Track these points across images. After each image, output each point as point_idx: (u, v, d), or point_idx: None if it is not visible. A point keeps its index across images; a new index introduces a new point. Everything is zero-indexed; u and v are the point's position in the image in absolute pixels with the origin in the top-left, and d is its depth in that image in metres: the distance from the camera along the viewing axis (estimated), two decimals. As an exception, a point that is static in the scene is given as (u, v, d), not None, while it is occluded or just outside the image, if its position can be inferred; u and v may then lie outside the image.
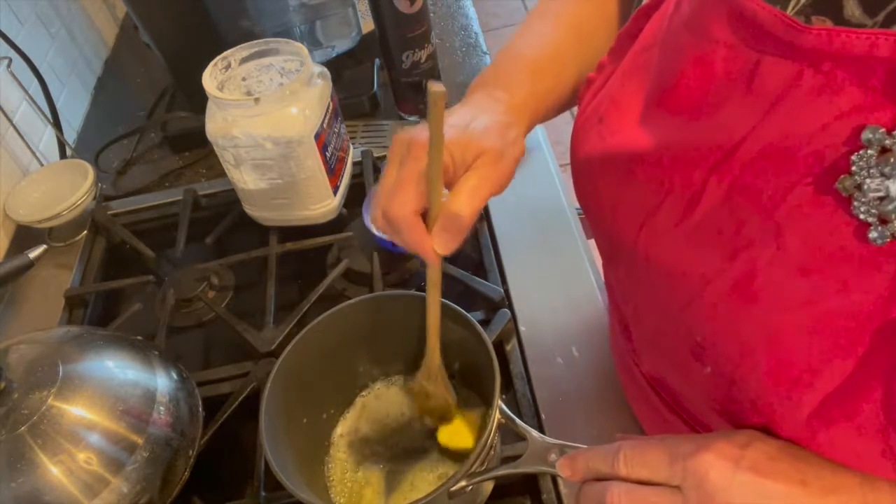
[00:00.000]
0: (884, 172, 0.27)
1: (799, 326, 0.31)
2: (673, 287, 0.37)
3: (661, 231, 0.37)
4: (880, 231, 0.27)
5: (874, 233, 0.28)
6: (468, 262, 0.75)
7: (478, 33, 1.07)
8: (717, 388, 0.38)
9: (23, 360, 0.54)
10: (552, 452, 0.45)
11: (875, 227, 0.28)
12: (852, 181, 0.28)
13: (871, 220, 0.28)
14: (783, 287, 0.31)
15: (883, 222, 0.27)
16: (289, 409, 0.55)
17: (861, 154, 0.27)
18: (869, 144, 0.27)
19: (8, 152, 0.88)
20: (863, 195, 0.28)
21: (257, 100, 0.67)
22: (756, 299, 0.32)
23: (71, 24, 1.10)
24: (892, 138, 0.26)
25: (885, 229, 0.27)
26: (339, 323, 0.57)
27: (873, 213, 0.28)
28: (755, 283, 0.32)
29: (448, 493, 0.46)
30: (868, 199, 0.27)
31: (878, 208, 0.27)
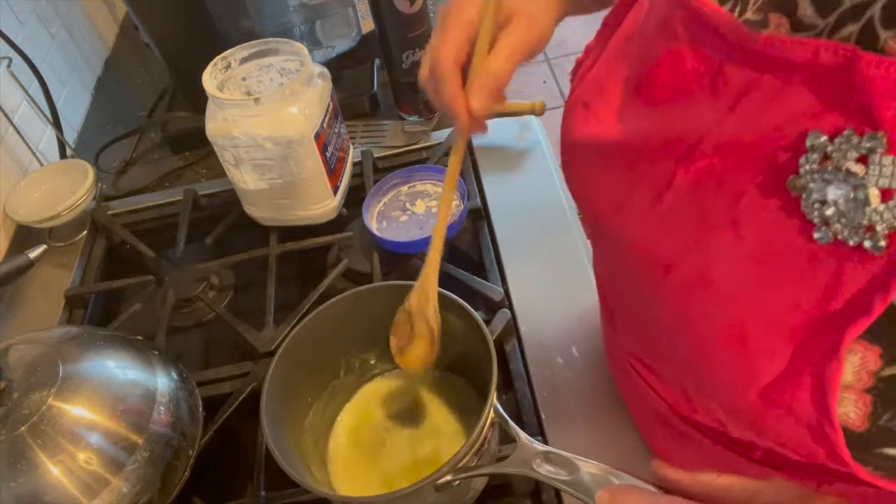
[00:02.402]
0: (825, 178, 0.28)
1: (749, 315, 0.32)
2: (644, 271, 0.38)
3: (634, 216, 0.38)
4: (824, 231, 0.29)
5: (818, 233, 0.29)
6: (468, 262, 0.75)
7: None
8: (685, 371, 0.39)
9: (23, 360, 0.54)
10: (538, 457, 0.45)
11: (819, 228, 0.29)
12: (800, 182, 0.29)
13: (816, 221, 0.29)
14: (737, 276, 0.32)
15: (826, 224, 0.28)
16: (290, 398, 0.55)
17: (807, 157, 0.28)
18: (812, 150, 0.28)
19: (8, 152, 0.88)
20: (808, 198, 0.29)
21: (257, 100, 0.67)
22: (712, 286, 0.34)
23: (71, 24, 1.10)
24: (833, 146, 0.27)
25: (828, 230, 0.28)
26: (340, 312, 0.57)
27: (817, 216, 0.29)
28: (713, 270, 0.34)
29: (434, 485, 0.46)
30: (812, 201, 0.29)
31: (819, 211, 0.28)
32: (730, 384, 0.35)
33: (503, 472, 0.47)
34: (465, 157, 0.48)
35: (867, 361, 0.30)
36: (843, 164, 0.27)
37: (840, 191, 0.27)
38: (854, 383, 0.30)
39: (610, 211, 0.40)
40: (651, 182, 0.37)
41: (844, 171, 0.27)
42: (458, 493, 0.51)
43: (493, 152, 0.85)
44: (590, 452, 0.51)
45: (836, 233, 0.28)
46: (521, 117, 0.87)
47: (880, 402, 0.31)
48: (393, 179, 0.77)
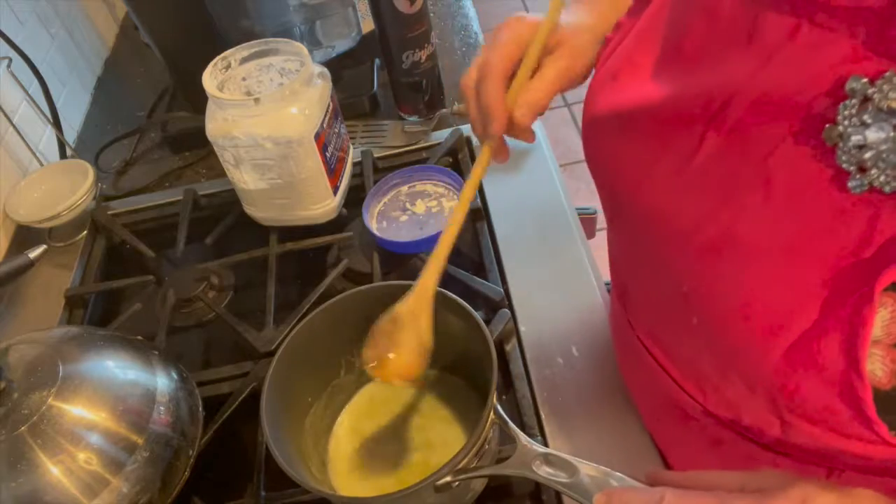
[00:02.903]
0: (864, 121, 0.28)
1: (777, 271, 0.32)
2: (667, 238, 0.38)
3: (660, 182, 0.38)
4: (859, 180, 0.29)
5: (853, 181, 0.29)
6: (468, 262, 0.75)
7: (478, 33, 1.07)
8: (702, 338, 0.39)
9: (23, 360, 0.54)
10: (537, 459, 0.45)
11: (854, 176, 0.29)
12: (837, 131, 0.29)
13: (851, 170, 0.29)
14: (766, 234, 0.33)
15: (861, 171, 0.29)
16: (290, 398, 0.55)
17: (846, 104, 0.28)
18: (852, 94, 0.28)
19: (8, 152, 0.88)
20: (845, 144, 0.29)
21: (257, 100, 0.67)
22: (740, 246, 0.34)
23: (71, 24, 1.10)
24: (874, 88, 0.27)
25: (863, 178, 0.29)
26: (340, 312, 0.57)
27: (853, 162, 0.29)
28: (740, 229, 0.34)
29: (434, 486, 0.46)
30: (849, 147, 0.29)
31: (857, 157, 0.28)
32: (753, 347, 0.35)
33: (503, 473, 0.47)
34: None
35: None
36: (884, 104, 0.27)
37: (881, 132, 0.28)
38: (883, 338, 0.30)
39: (634, 181, 0.41)
40: (679, 147, 0.37)
41: (886, 109, 0.27)
42: (457, 494, 0.51)
43: (493, 152, 0.85)
44: (590, 453, 0.51)
45: (872, 180, 0.28)
46: (521, 117, 0.87)
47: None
48: (393, 179, 0.77)
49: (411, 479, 0.46)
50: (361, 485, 0.56)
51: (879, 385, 0.31)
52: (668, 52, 0.39)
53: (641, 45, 0.42)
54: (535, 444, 0.47)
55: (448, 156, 0.84)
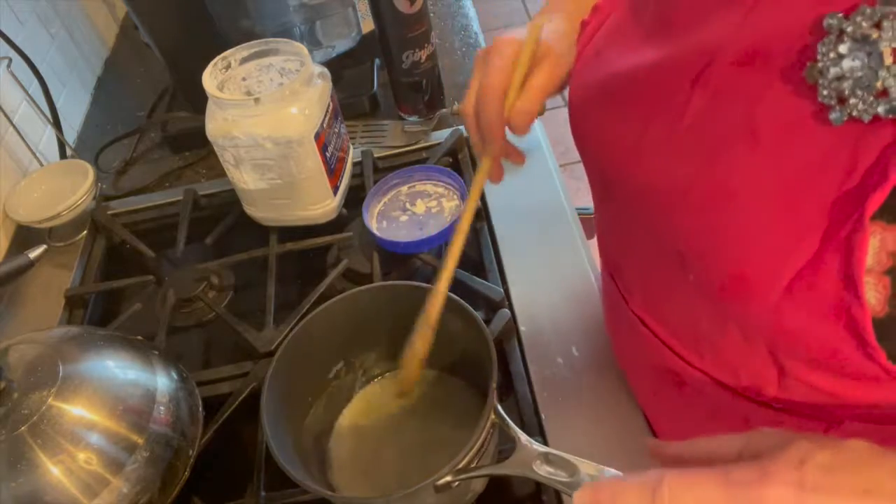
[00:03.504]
0: (840, 53, 0.30)
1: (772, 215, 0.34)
2: (660, 202, 0.39)
3: (650, 147, 0.39)
4: (839, 111, 0.30)
5: (834, 114, 0.30)
6: (468, 262, 0.75)
7: (478, 33, 1.07)
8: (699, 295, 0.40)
9: (23, 360, 0.54)
10: (538, 458, 0.45)
11: (834, 109, 0.30)
12: (817, 68, 0.31)
13: (832, 103, 0.30)
14: (757, 181, 0.34)
15: (841, 102, 0.30)
16: (290, 398, 0.55)
17: (824, 41, 0.30)
18: (830, 30, 0.30)
19: (8, 152, 0.88)
20: (825, 79, 0.30)
21: (257, 100, 0.67)
22: (735, 195, 0.35)
23: (71, 24, 1.10)
24: (848, 21, 0.29)
25: (842, 109, 0.30)
26: (340, 312, 0.57)
27: (833, 95, 0.30)
28: (733, 181, 0.35)
29: (434, 486, 0.46)
30: (829, 81, 0.30)
31: (836, 88, 0.30)
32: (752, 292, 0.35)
33: (503, 473, 0.47)
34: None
35: (886, 242, 0.31)
36: (858, 34, 0.29)
37: (856, 61, 0.29)
38: (874, 266, 0.31)
39: (624, 154, 0.41)
40: (666, 112, 0.38)
41: (860, 38, 0.29)
42: (457, 494, 0.51)
43: (493, 152, 0.85)
44: (590, 453, 0.51)
45: (851, 109, 0.30)
46: (521, 117, 0.87)
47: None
48: (393, 179, 0.77)
49: (411, 479, 0.46)
50: (361, 485, 0.56)
51: (874, 312, 0.32)
52: (652, 23, 0.40)
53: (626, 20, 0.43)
54: (535, 443, 0.47)
55: (448, 156, 0.84)
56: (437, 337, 0.58)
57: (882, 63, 0.29)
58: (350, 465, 0.58)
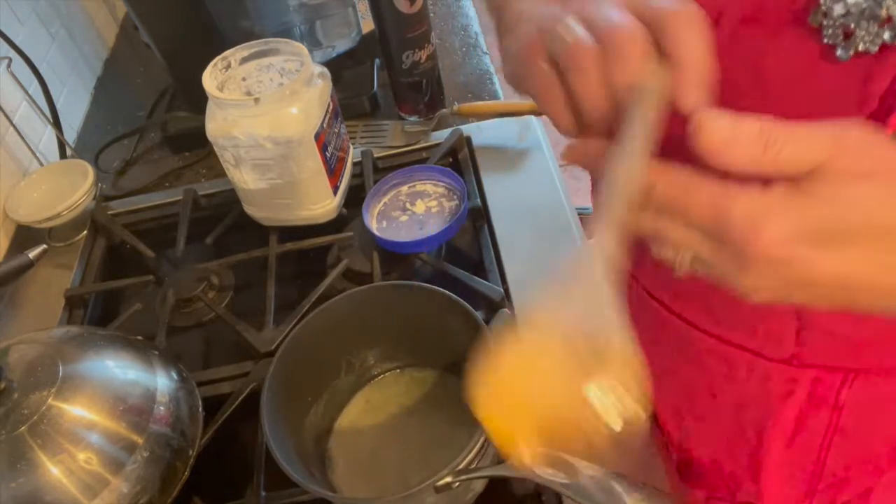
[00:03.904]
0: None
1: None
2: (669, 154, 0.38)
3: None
4: (844, 47, 0.31)
5: (840, 50, 0.31)
6: (468, 262, 0.75)
7: (478, 33, 1.07)
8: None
9: (23, 360, 0.54)
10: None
11: (840, 46, 0.31)
12: (820, 11, 0.31)
13: (837, 42, 0.31)
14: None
15: (846, 37, 0.31)
16: (290, 398, 0.55)
17: None
18: None
19: (8, 152, 0.88)
20: (829, 19, 0.31)
21: (257, 100, 0.67)
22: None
23: (71, 24, 1.10)
24: None
25: (848, 44, 0.31)
26: (340, 312, 0.57)
27: (839, 34, 0.31)
28: None
29: (434, 487, 0.46)
30: (834, 20, 0.31)
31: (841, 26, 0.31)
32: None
33: (503, 474, 0.47)
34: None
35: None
36: None
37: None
38: None
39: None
40: None
41: None
42: (457, 495, 0.51)
43: (493, 152, 0.85)
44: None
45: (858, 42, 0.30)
46: (521, 117, 0.87)
47: None
48: (393, 179, 0.77)
49: (411, 480, 0.46)
50: (361, 485, 0.56)
51: None
52: None
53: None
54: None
55: (448, 156, 0.84)
56: (437, 337, 0.58)
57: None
58: (350, 465, 0.58)
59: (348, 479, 0.57)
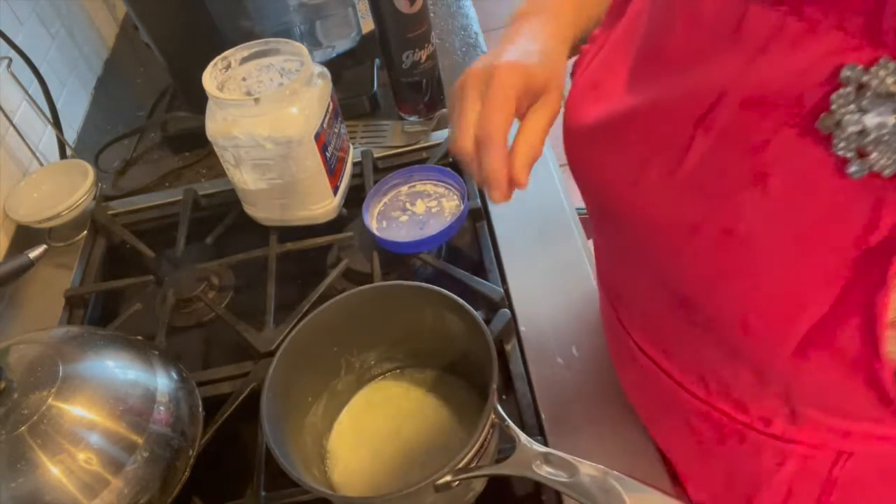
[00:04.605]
0: (861, 107, 0.28)
1: (786, 265, 0.33)
2: (664, 238, 0.38)
3: (651, 187, 0.38)
4: (859, 164, 0.29)
5: (853, 167, 0.29)
6: (468, 262, 0.75)
7: (478, 33, 1.07)
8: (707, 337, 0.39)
9: (23, 360, 0.54)
10: (537, 459, 0.45)
11: (854, 162, 0.29)
12: (832, 119, 0.29)
13: (849, 156, 0.29)
14: (769, 228, 0.33)
15: (861, 156, 0.29)
16: (290, 398, 0.55)
17: (840, 93, 0.29)
18: (847, 82, 0.28)
19: (8, 152, 0.88)
20: (842, 132, 0.29)
21: (257, 100, 0.67)
22: (744, 242, 0.34)
23: (71, 24, 1.10)
24: (869, 74, 0.28)
25: (863, 163, 0.29)
26: (340, 312, 0.57)
27: (852, 149, 0.29)
28: (742, 227, 0.34)
29: (434, 486, 0.46)
30: (847, 134, 0.29)
31: (856, 143, 0.29)
32: (766, 340, 0.35)
33: (503, 473, 0.47)
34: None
35: None
36: (881, 89, 0.27)
37: (879, 117, 0.28)
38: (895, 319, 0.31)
39: (623, 189, 0.40)
40: (667, 151, 0.37)
41: (884, 94, 0.27)
42: (457, 494, 0.51)
43: (493, 152, 0.85)
44: (590, 453, 0.51)
45: (872, 163, 0.28)
46: (521, 117, 0.87)
47: None
48: (393, 179, 0.77)
49: (411, 479, 0.46)
50: (361, 485, 0.56)
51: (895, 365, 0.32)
52: (649, 58, 0.39)
53: (621, 52, 0.42)
54: (535, 443, 0.47)
55: (448, 156, 0.84)
56: (437, 337, 0.58)
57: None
58: (350, 465, 0.58)
59: (348, 479, 0.57)
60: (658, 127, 0.37)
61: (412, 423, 0.59)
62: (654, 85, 0.38)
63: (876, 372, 0.32)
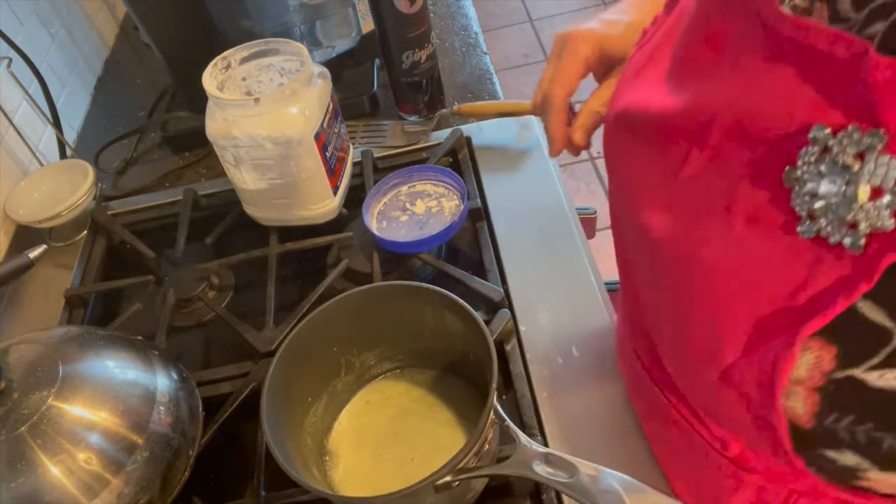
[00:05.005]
0: (820, 171, 0.28)
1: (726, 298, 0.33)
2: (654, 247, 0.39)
3: (652, 191, 0.39)
4: (808, 226, 0.29)
5: (802, 226, 0.29)
6: (468, 262, 0.75)
7: (478, 33, 1.07)
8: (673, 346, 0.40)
9: (23, 360, 0.54)
10: (537, 459, 0.45)
11: (805, 222, 0.29)
12: (795, 174, 0.29)
13: (802, 215, 0.29)
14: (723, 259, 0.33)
15: (811, 218, 0.29)
16: (290, 398, 0.55)
17: (807, 150, 0.28)
18: (814, 142, 0.28)
19: (8, 152, 0.88)
20: (800, 189, 0.29)
21: (257, 100, 0.67)
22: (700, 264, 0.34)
23: (71, 24, 1.10)
24: (835, 140, 0.27)
25: (812, 225, 0.29)
26: (340, 312, 0.57)
27: (805, 208, 0.29)
28: (705, 252, 0.34)
29: (434, 486, 0.46)
30: (804, 193, 0.29)
31: (808, 204, 0.29)
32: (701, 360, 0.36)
33: (503, 473, 0.47)
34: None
35: (822, 361, 0.30)
36: (840, 159, 0.27)
37: (833, 185, 0.28)
38: (806, 379, 0.31)
39: (634, 187, 0.41)
40: (669, 158, 0.37)
41: (840, 165, 0.27)
42: (457, 494, 0.51)
43: (493, 152, 0.85)
44: (590, 453, 0.51)
45: (820, 229, 0.28)
46: (521, 117, 0.87)
47: (828, 402, 0.31)
48: (393, 179, 0.77)
49: (411, 479, 0.46)
50: (361, 484, 0.56)
51: (800, 423, 0.32)
52: (677, 60, 0.39)
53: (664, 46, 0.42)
54: (535, 444, 0.47)
55: (448, 156, 0.84)
56: (437, 337, 0.58)
57: (856, 198, 0.27)
58: (350, 464, 0.58)
59: (348, 479, 0.57)
60: (666, 131, 0.37)
61: (412, 423, 0.59)
62: (672, 89, 0.38)
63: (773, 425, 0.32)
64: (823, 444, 0.32)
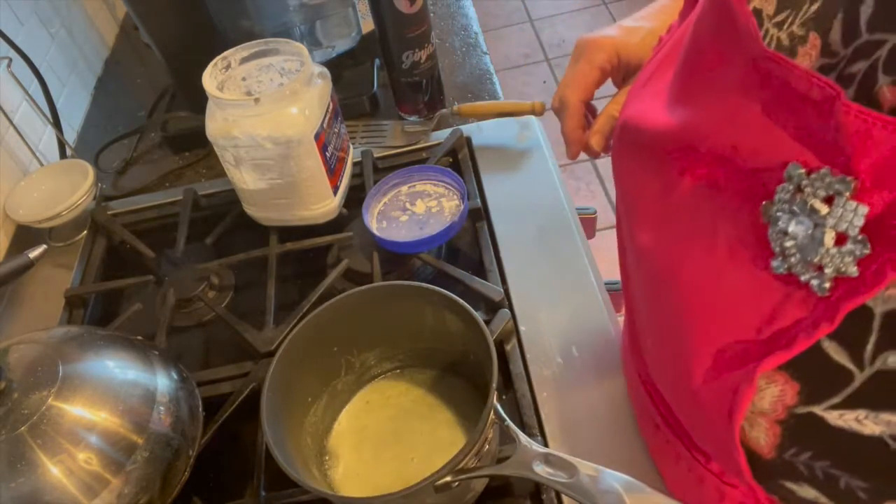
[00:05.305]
0: (793, 210, 0.28)
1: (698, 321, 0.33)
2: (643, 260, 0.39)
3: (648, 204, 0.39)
4: (780, 262, 0.29)
5: (776, 261, 0.29)
6: (468, 262, 0.75)
7: (478, 33, 1.07)
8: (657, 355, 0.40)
9: (23, 360, 0.54)
10: (537, 459, 0.45)
11: (778, 257, 0.29)
12: (771, 210, 0.29)
13: (776, 250, 0.29)
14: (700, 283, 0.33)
15: (784, 255, 0.29)
16: (290, 398, 0.55)
17: (783, 187, 0.29)
18: (789, 180, 0.28)
19: (8, 152, 0.88)
20: (775, 225, 0.29)
21: (257, 100, 0.67)
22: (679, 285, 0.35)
23: (71, 24, 1.10)
24: (808, 181, 0.27)
25: (784, 261, 0.29)
26: (340, 312, 0.57)
27: (778, 245, 0.29)
28: (684, 272, 0.35)
29: (434, 486, 0.46)
30: (777, 229, 0.29)
31: (780, 241, 0.29)
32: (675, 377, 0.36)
33: (503, 473, 0.47)
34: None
35: (785, 395, 0.31)
36: (810, 200, 0.27)
37: (802, 226, 0.28)
38: (770, 412, 0.31)
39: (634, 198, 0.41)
40: (664, 176, 0.37)
41: (810, 207, 0.27)
42: (457, 494, 0.51)
43: (493, 152, 0.85)
44: (590, 453, 0.51)
45: (791, 266, 0.29)
46: (521, 117, 0.87)
47: (788, 436, 0.32)
48: (393, 179, 0.77)
49: (411, 480, 0.46)
50: (361, 484, 0.56)
51: (762, 453, 0.33)
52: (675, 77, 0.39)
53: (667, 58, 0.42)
54: (535, 444, 0.47)
55: (448, 156, 0.84)
56: (437, 337, 0.58)
57: (823, 242, 0.27)
58: (350, 464, 0.58)
59: (348, 479, 0.57)
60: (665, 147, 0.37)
61: (412, 423, 0.59)
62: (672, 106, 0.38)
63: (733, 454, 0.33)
64: (783, 475, 0.33)
